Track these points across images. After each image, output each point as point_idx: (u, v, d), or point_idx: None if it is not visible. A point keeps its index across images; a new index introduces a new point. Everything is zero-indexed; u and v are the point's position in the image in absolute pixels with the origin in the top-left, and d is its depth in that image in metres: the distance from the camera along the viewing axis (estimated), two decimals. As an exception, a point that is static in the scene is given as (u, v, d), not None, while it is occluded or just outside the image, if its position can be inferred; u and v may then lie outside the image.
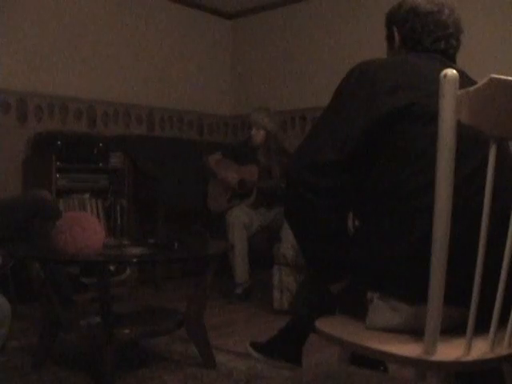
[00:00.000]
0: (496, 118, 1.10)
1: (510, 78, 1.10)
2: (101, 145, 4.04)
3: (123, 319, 2.29)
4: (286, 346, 2.24)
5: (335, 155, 1.32)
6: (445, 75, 1.06)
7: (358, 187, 1.38)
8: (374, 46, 2.51)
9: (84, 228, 2.11)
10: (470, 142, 1.25)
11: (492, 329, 1.13)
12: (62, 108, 4.23)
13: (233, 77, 5.48)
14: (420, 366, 1.27)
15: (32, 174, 3.94)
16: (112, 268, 2.99)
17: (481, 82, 1.08)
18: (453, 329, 1.22)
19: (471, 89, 1.07)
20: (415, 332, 1.24)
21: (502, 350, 1.16)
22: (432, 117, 1.17)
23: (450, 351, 1.15)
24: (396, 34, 1.57)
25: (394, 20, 1.58)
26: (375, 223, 1.36)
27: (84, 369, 2.28)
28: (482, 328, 1.16)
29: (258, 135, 3.96)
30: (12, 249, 2.48)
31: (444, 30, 1.51)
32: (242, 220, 3.71)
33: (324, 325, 1.39)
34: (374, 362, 1.94)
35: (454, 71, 1.06)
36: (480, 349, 1.15)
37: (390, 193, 1.32)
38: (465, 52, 1.64)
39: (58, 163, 3.78)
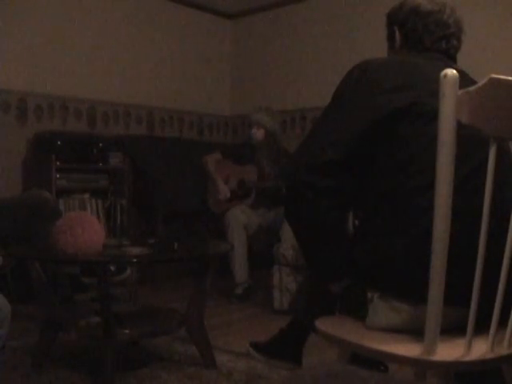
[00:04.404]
0: (496, 118, 1.10)
1: (510, 77, 1.10)
2: (101, 145, 4.05)
3: (123, 319, 2.28)
4: (286, 346, 2.24)
5: (336, 155, 1.32)
6: (445, 75, 1.06)
7: (358, 187, 1.38)
8: (374, 45, 2.51)
9: (84, 228, 2.11)
10: (470, 142, 1.25)
11: (492, 329, 1.13)
12: (62, 108, 4.23)
13: (233, 77, 5.48)
14: (420, 365, 1.27)
15: (32, 174, 3.94)
16: (112, 268, 2.99)
17: (481, 81, 1.08)
18: (453, 329, 1.22)
19: (471, 89, 1.07)
20: (415, 332, 1.24)
21: (502, 350, 1.16)
22: (433, 116, 1.17)
23: (450, 351, 1.15)
24: (397, 34, 1.57)
25: (394, 20, 1.58)
26: (375, 223, 1.35)
27: (84, 369, 2.28)
28: (482, 328, 1.16)
29: (258, 134, 3.97)
30: (12, 249, 2.48)
31: (445, 30, 1.51)
32: (241, 220, 3.71)
33: (324, 325, 1.39)
34: (374, 361, 1.94)
35: (454, 71, 1.06)
36: (480, 349, 1.15)
37: (390, 192, 1.32)
38: (465, 52, 1.64)
39: (57, 163, 3.78)
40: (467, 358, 1.13)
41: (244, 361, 2.39)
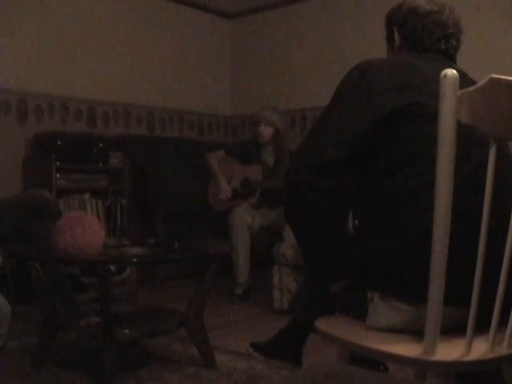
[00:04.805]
0: (496, 118, 1.10)
1: (510, 77, 1.10)
2: (101, 145, 4.05)
3: (123, 319, 2.29)
4: (286, 346, 2.24)
5: (335, 155, 1.32)
6: (445, 75, 1.06)
7: (358, 187, 1.38)
8: (374, 46, 2.51)
9: (84, 228, 2.11)
10: (470, 142, 1.25)
11: (492, 329, 1.13)
12: (62, 108, 4.23)
13: (233, 77, 5.48)
14: (420, 365, 1.27)
15: (32, 174, 3.94)
16: (112, 268, 2.99)
17: (481, 81, 1.08)
18: (453, 329, 1.22)
19: (471, 89, 1.07)
20: (415, 332, 1.24)
21: (502, 350, 1.16)
22: (432, 117, 1.17)
23: (450, 351, 1.15)
24: (396, 34, 1.57)
25: (394, 20, 1.58)
26: (375, 223, 1.36)
27: (84, 369, 2.28)
28: (482, 328, 1.16)
29: (266, 132, 3.94)
30: (12, 249, 2.48)
31: (444, 30, 1.51)
32: (245, 220, 3.70)
33: (324, 325, 1.39)
34: (374, 362, 1.94)
35: (454, 71, 1.06)
36: (480, 349, 1.15)
37: (390, 193, 1.32)
38: (465, 52, 1.64)
39: (57, 163, 3.78)
40: (467, 358, 1.13)
41: (244, 361, 2.39)
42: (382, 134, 1.33)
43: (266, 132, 3.94)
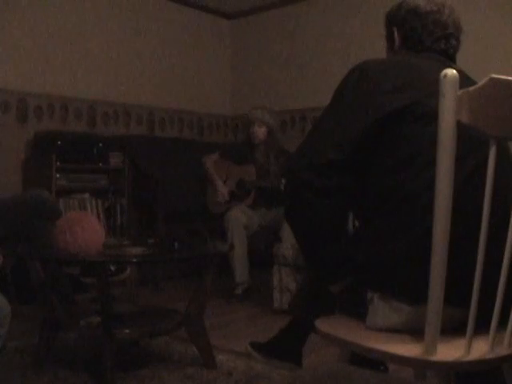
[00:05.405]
0: (496, 118, 1.09)
1: (510, 77, 1.10)
2: (101, 145, 4.05)
3: (123, 319, 2.29)
4: (286, 346, 2.24)
5: (335, 155, 1.32)
6: (445, 75, 1.06)
7: (358, 187, 1.38)
8: (374, 46, 2.51)
9: (84, 228, 2.12)
10: (469, 142, 1.25)
11: (492, 329, 1.13)
12: (62, 108, 4.23)
13: (233, 77, 5.48)
14: (420, 365, 1.27)
15: (32, 174, 3.94)
16: (112, 268, 2.99)
17: (481, 82, 1.08)
18: (453, 329, 1.22)
19: (471, 89, 1.07)
20: (415, 332, 1.24)
21: (502, 350, 1.16)
22: (432, 117, 1.17)
23: (450, 351, 1.15)
24: (396, 34, 1.57)
25: (393, 20, 1.58)
26: (375, 223, 1.35)
27: (84, 369, 2.28)
28: (482, 328, 1.16)
29: (260, 132, 3.94)
30: (12, 249, 2.48)
31: (444, 30, 1.51)
32: (241, 220, 3.70)
33: (324, 325, 1.39)
34: (374, 362, 1.94)
35: (454, 71, 1.06)
36: (480, 349, 1.15)
37: (390, 193, 1.32)
38: (465, 52, 1.64)
39: (58, 163, 3.79)
40: (467, 358, 1.13)
41: (244, 361, 2.39)
42: (382, 134, 1.33)
43: (260, 131, 3.94)
